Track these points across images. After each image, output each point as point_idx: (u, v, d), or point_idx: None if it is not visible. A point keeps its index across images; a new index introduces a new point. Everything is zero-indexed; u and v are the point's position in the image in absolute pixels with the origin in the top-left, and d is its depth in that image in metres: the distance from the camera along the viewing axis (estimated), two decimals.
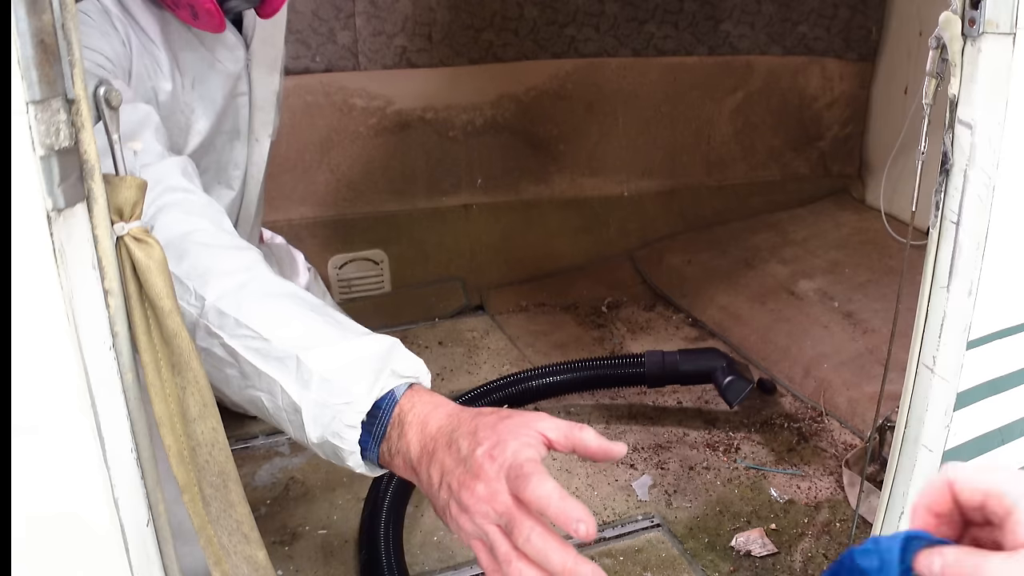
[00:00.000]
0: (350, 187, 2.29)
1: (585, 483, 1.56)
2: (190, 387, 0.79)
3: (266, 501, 1.51)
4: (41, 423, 0.64)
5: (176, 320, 0.75)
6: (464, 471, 0.69)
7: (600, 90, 2.48)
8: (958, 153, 0.83)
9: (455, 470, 0.70)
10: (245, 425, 1.71)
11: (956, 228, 0.85)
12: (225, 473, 0.83)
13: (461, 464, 0.70)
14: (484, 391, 1.72)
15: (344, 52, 2.23)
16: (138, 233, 0.71)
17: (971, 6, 0.78)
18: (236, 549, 0.87)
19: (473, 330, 2.13)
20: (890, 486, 0.98)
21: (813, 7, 2.57)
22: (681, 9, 2.49)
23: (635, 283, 2.37)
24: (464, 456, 0.70)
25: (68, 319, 0.63)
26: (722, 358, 1.73)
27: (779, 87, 2.64)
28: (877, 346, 1.88)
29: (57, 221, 0.61)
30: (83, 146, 0.63)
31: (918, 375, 0.93)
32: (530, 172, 2.47)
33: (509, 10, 2.34)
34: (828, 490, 1.53)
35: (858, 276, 2.22)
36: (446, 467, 0.71)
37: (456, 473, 0.70)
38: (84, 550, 0.70)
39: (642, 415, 1.77)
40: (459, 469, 0.70)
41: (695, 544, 1.41)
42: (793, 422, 1.73)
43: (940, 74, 0.84)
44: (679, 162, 2.62)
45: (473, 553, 0.69)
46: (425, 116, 2.34)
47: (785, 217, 2.60)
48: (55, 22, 0.59)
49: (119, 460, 0.70)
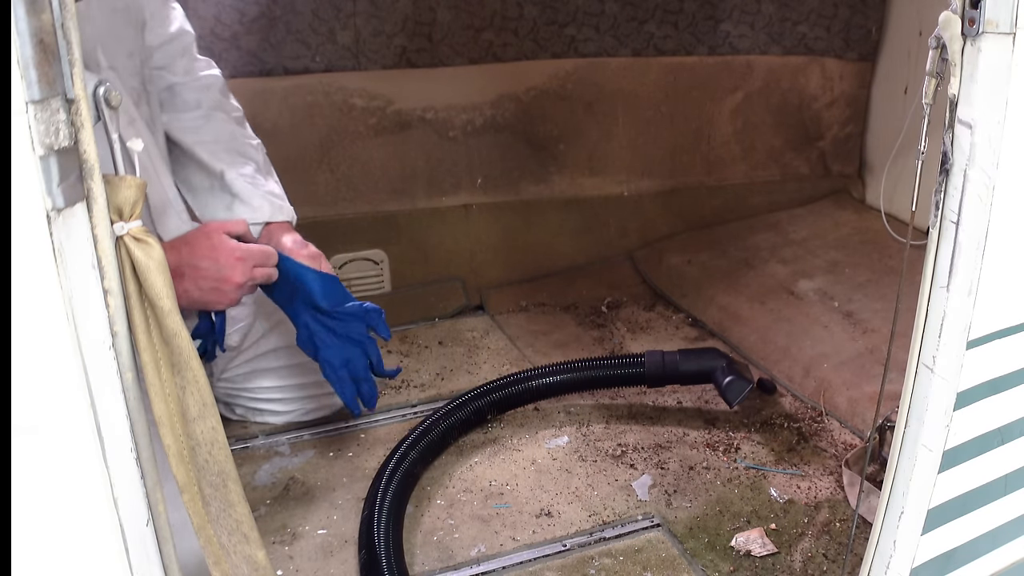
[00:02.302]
0: (350, 187, 2.29)
1: (585, 483, 1.56)
2: (190, 387, 0.79)
3: (266, 501, 1.51)
4: (41, 423, 0.64)
5: (176, 320, 0.75)
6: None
7: (600, 90, 2.48)
8: (958, 153, 0.83)
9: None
10: (245, 425, 1.71)
11: (956, 228, 0.85)
12: (225, 473, 0.83)
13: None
14: (484, 391, 1.72)
15: (344, 52, 2.23)
16: (138, 233, 0.71)
17: (971, 6, 0.78)
18: (236, 549, 0.87)
19: (473, 330, 2.13)
20: (890, 486, 0.98)
21: (813, 7, 2.57)
22: (681, 9, 2.49)
23: (635, 283, 2.38)
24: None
25: (68, 319, 0.63)
26: (722, 358, 1.73)
27: (779, 87, 2.64)
28: (877, 346, 1.88)
29: (57, 221, 0.61)
30: (83, 146, 0.63)
31: (918, 375, 0.93)
32: (530, 172, 2.47)
33: (509, 10, 2.34)
34: (828, 490, 1.53)
35: (858, 276, 2.22)
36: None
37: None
38: (84, 549, 0.70)
39: (642, 415, 1.77)
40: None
41: (695, 544, 1.41)
42: (793, 422, 1.74)
43: (940, 74, 0.84)
44: (679, 162, 2.62)
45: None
46: (425, 116, 2.34)
47: (785, 217, 2.60)
48: (55, 22, 0.59)
49: (119, 460, 0.70)
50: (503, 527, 1.45)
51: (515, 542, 1.41)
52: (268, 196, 1.52)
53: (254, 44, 2.14)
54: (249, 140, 1.58)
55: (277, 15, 2.14)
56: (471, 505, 1.50)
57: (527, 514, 1.48)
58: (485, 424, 1.72)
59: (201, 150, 1.52)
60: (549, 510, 1.49)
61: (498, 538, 1.42)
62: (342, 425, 1.72)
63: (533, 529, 1.45)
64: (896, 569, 1.00)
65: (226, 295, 1.30)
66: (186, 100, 1.54)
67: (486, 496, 1.53)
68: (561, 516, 1.48)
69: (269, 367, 1.66)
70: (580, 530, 1.44)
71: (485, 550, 1.39)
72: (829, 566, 1.36)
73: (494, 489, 1.55)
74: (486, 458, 1.63)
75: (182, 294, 1.25)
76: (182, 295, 1.24)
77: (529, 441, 1.68)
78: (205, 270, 1.27)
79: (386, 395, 1.82)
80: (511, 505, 1.50)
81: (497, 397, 1.72)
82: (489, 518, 1.47)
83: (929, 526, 0.98)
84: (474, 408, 1.69)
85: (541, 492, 1.54)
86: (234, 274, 1.29)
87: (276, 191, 1.56)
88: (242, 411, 1.71)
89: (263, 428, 1.71)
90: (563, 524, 1.46)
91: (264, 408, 1.70)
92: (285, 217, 1.53)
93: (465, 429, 1.68)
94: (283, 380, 1.68)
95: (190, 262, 1.26)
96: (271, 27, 2.14)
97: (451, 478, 1.58)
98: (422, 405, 1.79)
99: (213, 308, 1.32)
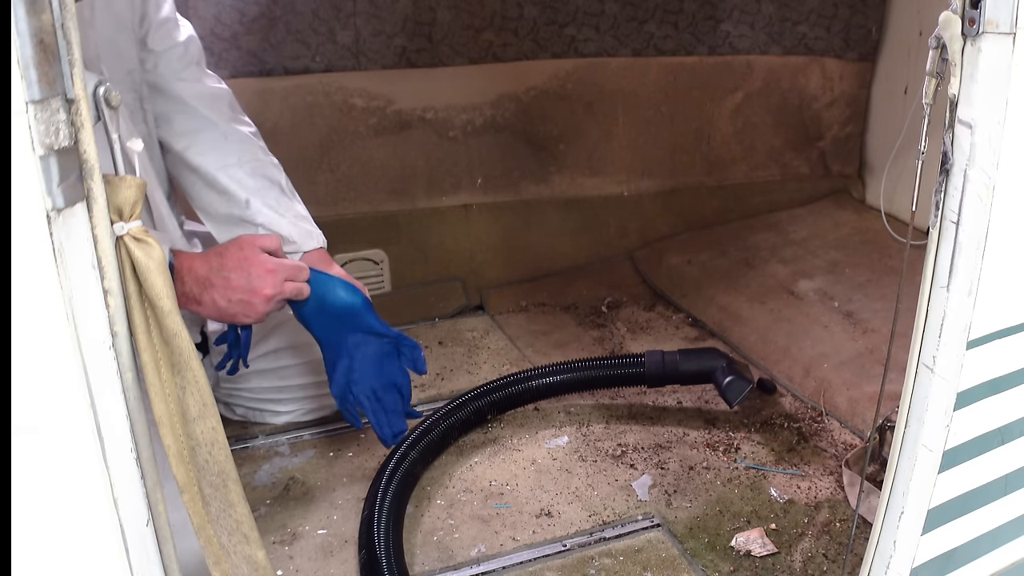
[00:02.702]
0: (350, 187, 2.29)
1: (585, 483, 1.56)
2: (190, 387, 0.79)
3: (266, 501, 1.51)
4: (41, 423, 0.64)
5: (176, 320, 0.75)
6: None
7: (600, 90, 2.48)
8: (958, 153, 0.83)
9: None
10: (245, 425, 1.72)
11: (956, 228, 0.85)
12: (225, 473, 0.84)
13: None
14: (484, 391, 1.72)
15: (344, 52, 2.23)
16: (138, 233, 0.71)
17: (971, 6, 0.78)
18: (236, 549, 0.87)
19: (473, 330, 2.13)
20: (890, 486, 0.98)
21: (813, 7, 2.57)
22: (681, 9, 2.49)
23: (635, 283, 2.38)
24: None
25: (68, 319, 0.63)
26: (722, 358, 1.73)
27: (779, 87, 2.64)
28: (877, 346, 1.88)
29: (57, 221, 0.61)
30: (83, 146, 0.63)
31: (918, 375, 0.93)
32: (530, 172, 2.47)
33: (509, 10, 2.34)
34: (828, 490, 1.53)
35: (858, 276, 2.22)
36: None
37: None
38: (84, 549, 0.70)
39: (642, 415, 1.77)
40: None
41: (695, 544, 1.41)
42: (793, 422, 1.74)
43: (940, 74, 0.84)
44: (679, 162, 2.62)
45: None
46: (425, 116, 2.34)
47: (785, 217, 2.60)
48: (55, 22, 0.59)
49: (119, 460, 0.70)
50: (503, 527, 1.45)
51: (515, 542, 1.41)
52: (296, 222, 1.48)
53: (254, 44, 2.14)
54: (270, 160, 1.53)
55: (277, 15, 2.14)
56: (471, 505, 1.50)
57: (527, 514, 1.48)
58: (485, 424, 1.72)
59: (223, 176, 1.46)
60: (549, 510, 1.49)
61: (498, 538, 1.42)
62: (342, 425, 1.72)
63: (533, 529, 1.45)
64: (896, 569, 1.00)
65: (254, 308, 1.27)
66: (203, 117, 1.48)
67: (486, 496, 1.53)
68: (561, 516, 1.48)
69: (269, 368, 1.66)
70: (580, 530, 1.44)
71: (485, 550, 1.39)
72: (829, 566, 1.36)
73: (494, 489, 1.55)
74: (486, 458, 1.63)
75: (210, 304, 1.23)
76: (210, 305, 1.23)
77: (529, 441, 1.68)
78: (235, 281, 1.24)
79: None
80: (511, 505, 1.50)
81: (497, 397, 1.72)
82: (489, 518, 1.47)
83: (929, 526, 0.98)
84: (474, 408, 1.69)
85: (541, 492, 1.54)
86: (264, 286, 1.26)
87: (303, 213, 1.51)
88: (242, 411, 1.71)
89: (263, 428, 1.71)
90: (563, 524, 1.46)
91: (264, 408, 1.70)
92: (316, 244, 1.48)
93: (465, 429, 1.68)
94: (283, 380, 1.68)
95: (220, 272, 1.24)
96: (271, 27, 2.14)
97: (451, 478, 1.58)
98: (422, 405, 1.79)
99: (240, 321, 1.29)
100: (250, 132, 1.54)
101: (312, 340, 1.64)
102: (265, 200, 1.47)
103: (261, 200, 1.46)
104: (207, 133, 1.47)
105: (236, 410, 1.71)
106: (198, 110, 1.48)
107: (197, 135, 1.47)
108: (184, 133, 1.47)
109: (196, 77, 1.50)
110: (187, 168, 1.48)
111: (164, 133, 1.48)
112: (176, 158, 1.49)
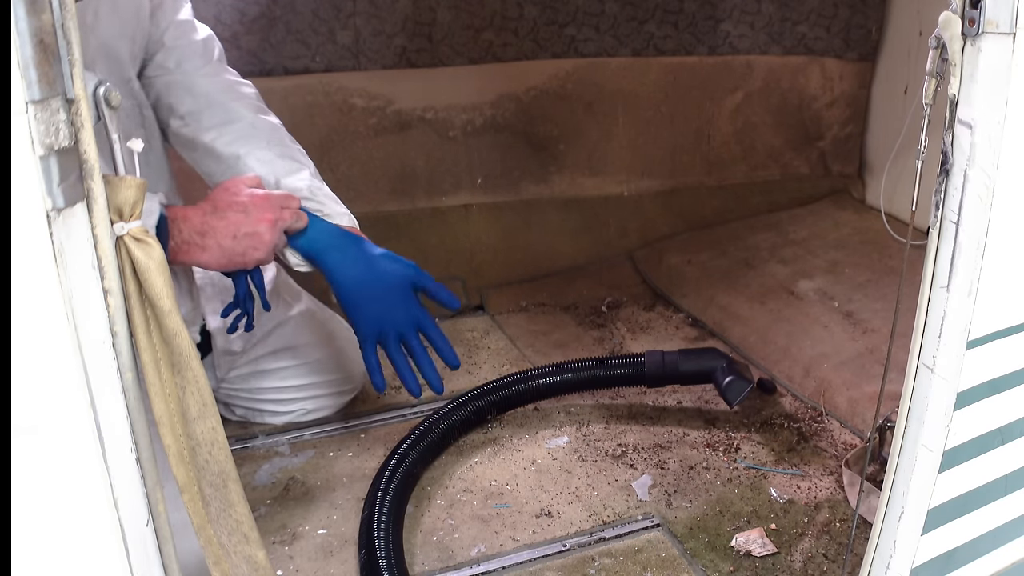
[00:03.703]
0: (350, 187, 2.29)
1: (585, 483, 1.56)
2: (190, 387, 0.79)
3: (266, 501, 1.51)
4: (41, 423, 0.64)
5: (176, 320, 0.75)
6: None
7: (600, 90, 2.48)
8: (958, 153, 0.83)
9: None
10: (245, 425, 1.72)
11: (956, 228, 0.85)
12: (225, 473, 0.84)
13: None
14: (484, 391, 1.72)
15: (344, 52, 2.23)
16: (138, 233, 0.71)
17: (971, 6, 0.78)
18: (236, 549, 0.87)
19: (473, 330, 2.13)
20: (890, 486, 0.98)
21: (813, 7, 2.57)
22: (681, 9, 2.49)
23: (635, 283, 2.38)
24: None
25: (68, 319, 0.63)
26: (722, 358, 1.73)
27: (779, 87, 2.64)
28: (877, 346, 1.88)
29: (57, 221, 0.61)
30: (83, 146, 0.63)
31: (918, 375, 0.93)
32: (530, 172, 2.47)
33: (509, 10, 2.34)
34: (828, 490, 1.53)
35: (858, 276, 2.22)
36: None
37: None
38: (84, 549, 0.70)
39: (642, 415, 1.77)
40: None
41: (695, 544, 1.41)
42: (793, 422, 1.74)
43: (940, 74, 0.84)
44: (679, 162, 2.62)
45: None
46: (425, 116, 2.34)
47: (785, 217, 2.60)
48: (55, 22, 0.59)
49: (119, 460, 0.70)
50: (503, 527, 1.45)
51: (515, 542, 1.41)
52: (326, 201, 1.47)
53: (254, 44, 2.14)
54: (297, 147, 1.54)
55: (277, 15, 2.14)
56: (471, 505, 1.50)
57: (527, 514, 1.48)
58: (485, 424, 1.72)
59: (252, 160, 1.45)
60: (549, 510, 1.49)
61: (498, 538, 1.42)
62: (342, 425, 1.72)
63: (533, 529, 1.45)
64: (896, 569, 1.00)
65: (260, 237, 1.27)
66: (231, 109, 1.49)
67: (486, 496, 1.53)
68: (561, 516, 1.48)
69: (269, 368, 1.66)
70: (580, 530, 1.44)
71: (485, 550, 1.39)
72: (829, 566, 1.36)
73: (494, 489, 1.55)
74: (486, 458, 1.63)
75: (214, 248, 1.23)
76: (215, 249, 1.23)
77: (529, 441, 1.68)
78: (233, 217, 1.25)
79: (386, 395, 1.82)
80: (511, 505, 1.50)
81: (497, 397, 1.72)
82: (489, 518, 1.47)
83: (929, 526, 0.98)
84: (474, 408, 1.69)
85: (541, 492, 1.54)
86: (263, 213, 1.27)
87: (332, 195, 1.51)
88: (242, 412, 1.71)
89: (263, 428, 1.71)
90: (563, 524, 1.46)
91: (264, 408, 1.70)
92: (348, 222, 1.48)
93: (465, 429, 1.68)
94: (283, 381, 1.68)
95: (216, 214, 1.24)
96: (271, 27, 2.14)
97: (451, 478, 1.58)
98: (422, 405, 1.79)
99: (250, 258, 1.28)
100: (277, 123, 1.55)
101: (312, 340, 1.64)
102: (299, 177, 1.47)
103: (290, 181, 1.46)
104: (236, 124, 1.49)
105: (236, 410, 1.71)
106: (225, 104, 1.49)
107: (225, 127, 1.48)
108: (212, 127, 1.48)
109: (219, 72, 1.53)
110: (214, 157, 1.48)
111: (193, 130, 1.48)
112: (205, 150, 1.48)
